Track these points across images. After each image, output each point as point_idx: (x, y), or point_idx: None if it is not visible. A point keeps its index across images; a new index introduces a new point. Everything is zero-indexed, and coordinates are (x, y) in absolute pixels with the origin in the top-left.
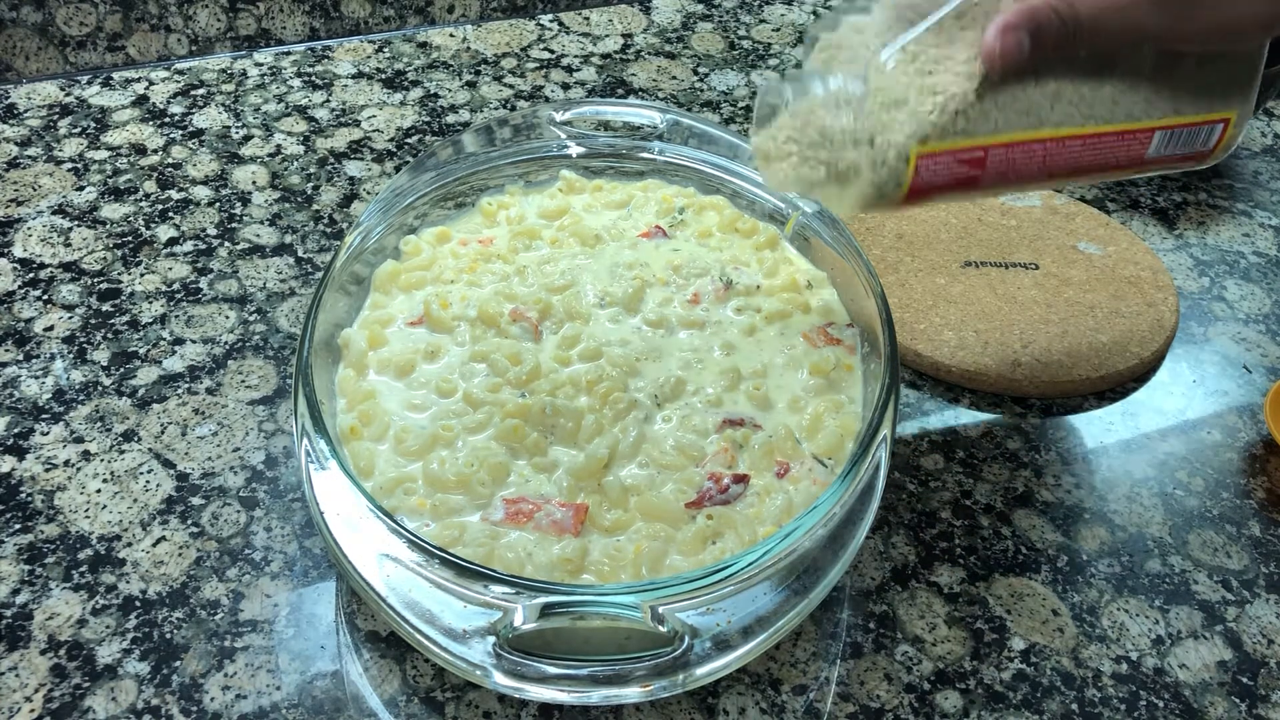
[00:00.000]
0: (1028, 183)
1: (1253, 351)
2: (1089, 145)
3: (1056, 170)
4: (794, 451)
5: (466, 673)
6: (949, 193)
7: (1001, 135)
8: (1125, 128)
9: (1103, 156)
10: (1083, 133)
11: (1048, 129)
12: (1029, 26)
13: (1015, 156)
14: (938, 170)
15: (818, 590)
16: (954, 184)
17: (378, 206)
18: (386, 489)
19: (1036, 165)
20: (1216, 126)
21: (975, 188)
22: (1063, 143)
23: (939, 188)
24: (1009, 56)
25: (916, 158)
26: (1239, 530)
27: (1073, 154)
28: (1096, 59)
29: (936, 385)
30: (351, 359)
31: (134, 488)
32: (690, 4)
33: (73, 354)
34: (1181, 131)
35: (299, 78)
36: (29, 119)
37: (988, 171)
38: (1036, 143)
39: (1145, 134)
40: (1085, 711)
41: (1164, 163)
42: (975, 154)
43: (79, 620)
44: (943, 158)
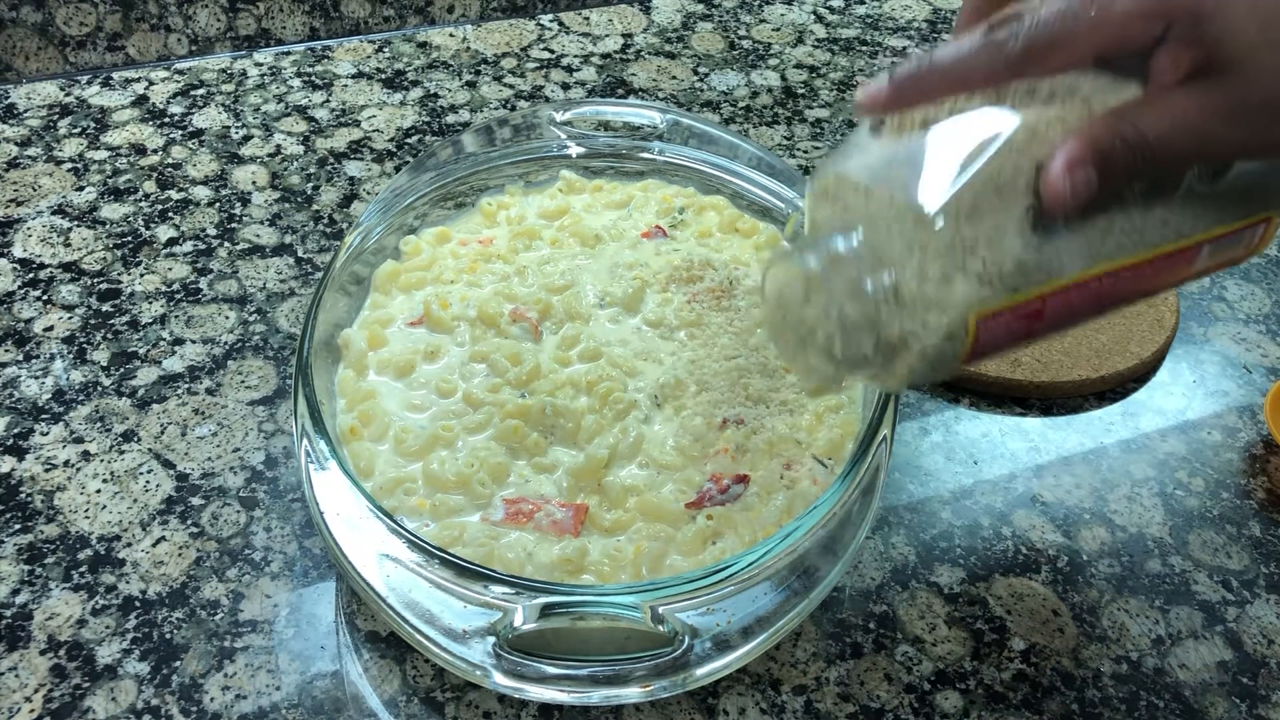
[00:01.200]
0: (1086, 318)
1: (1253, 351)
2: (1141, 273)
3: (1109, 304)
4: (794, 452)
5: (466, 673)
6: (1008, 347)
7: (1058, 280)
8: (1175, 248)
9: (1153, 281)
10: (1135, 261)
11: (1102, 264)
12: (1095, 160)
13: (1072, 299)
14: (997, 331)
15: (818, 590)
16: (1011, 340)
17: (378, 206)
18: (386, 489)
19: (1091, 303)
20: (1259, 228)
21: (1034, 337)
22: (1117, 275)
23: (996, 347)
24: (1079, 196)
25: (976, 320)
26: (1239, 530)
27: (1128, 283)
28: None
29: (936, 385)
30: (351, 359)
31: (134, 488)
32: (690, 4)
33: (72, 354)
34: (1226, 239)
35: (299, 78)
36: (29, 119)
37: (1046, 321)
38: (1093, 280)
39: (1194, 250)
40: (1085, 712)
41: (1206, 271)
42: (1034, 306)
43: (79, 620)
44: (1003, 317)
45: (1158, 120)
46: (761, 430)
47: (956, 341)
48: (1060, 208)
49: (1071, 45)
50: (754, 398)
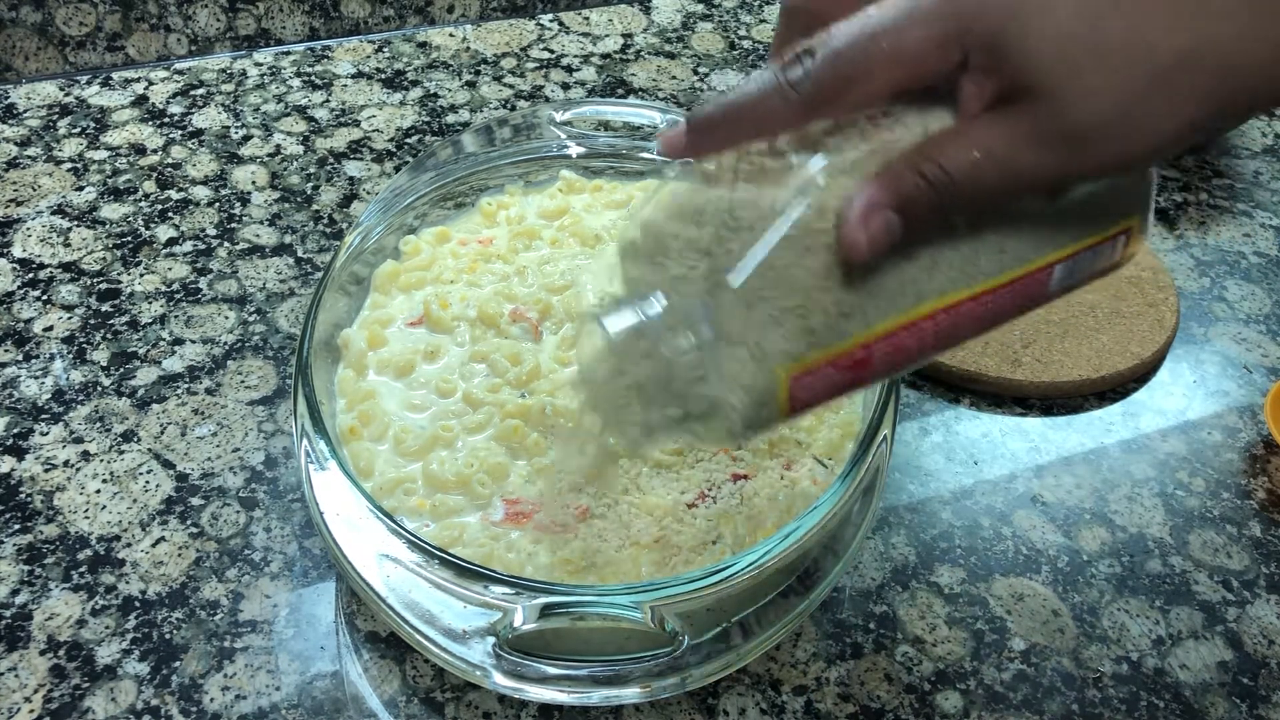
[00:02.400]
0: (929, 356)
1: (1253, 352)
2: (984, 303)
3: (957, 335)
4: (794, 452)
5: (466, 673)
6: (838, 395)
7: (879, 326)
8: (1020, 274)
9: (1003, 307)
10: (973, 293)
11: (931, 302)
12: (894, 203)
13: (903, 341)
14: (816, 386)
15: (818, 590)
16: (841, 388)
17: (377, 206)
18: (386, 489)
19: (930, 341)
20: (1120, 239)
21: (864, 383)
22: (954, 310)
23: (823, 397)
24: (877, 244)
25: (789, 379)
26: (1239, 531)
27: (968, 317)
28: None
29: (936, 385)
30: (351, 359)
31: (133, 488)
32: (690, 4)
33: (72, 354)
34: (1083, 255)
35: (299, 78)
36: (28, 119)
37: (875, 366)
38: (924, 319)
39: (1043, 272)
40: (1086, 712)
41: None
42: (857, 355)
43: (78, 620)
44: (821, 371)
45: (961, 154)
46: None
47: (771, 402)
48: (859, 258)
49: (867, 80)
50: None
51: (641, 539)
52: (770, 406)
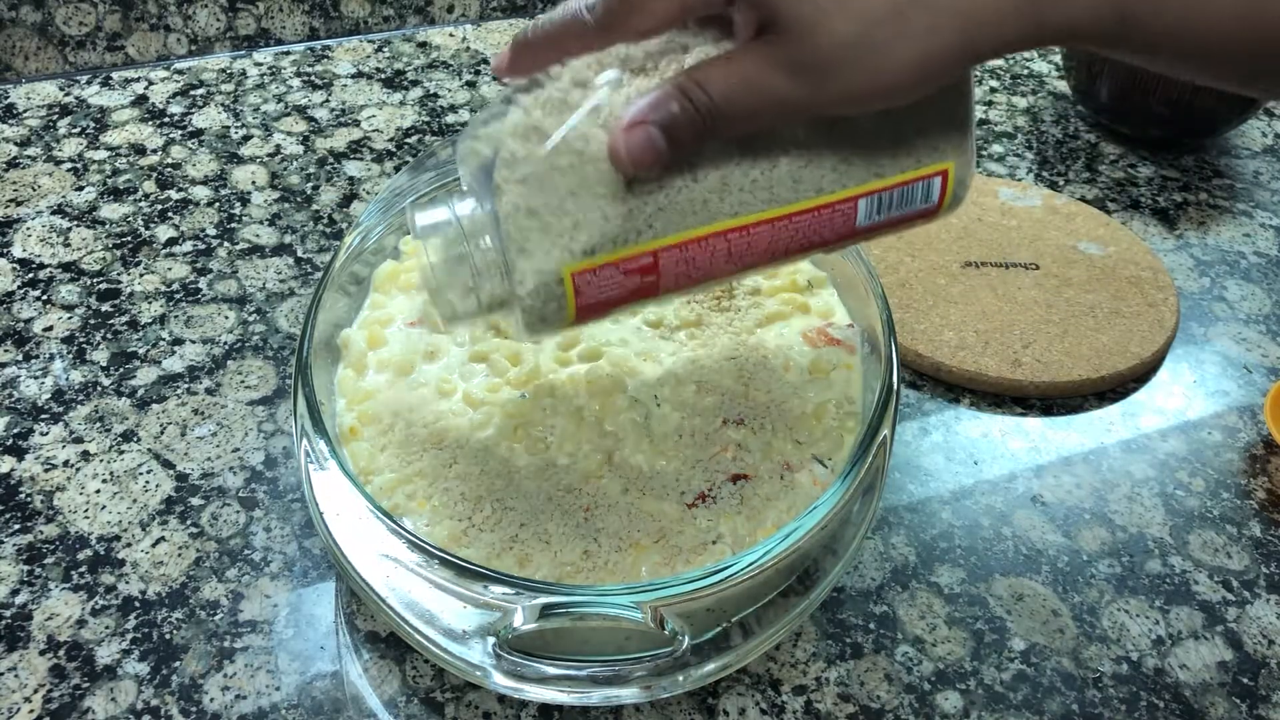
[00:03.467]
0: (726, 274)
1: (1253, 352)
2: (781, 228)
3: (755, 259)
4: (794, 451)
5: (466, 673)
6: (630, 301)
7: (669, 237)
8: (817, 204)
9: (804, 236)
10: (767, 217)
11: (723, 221)
12: (658, 119)
13: (694, 255)
14: (603, 285)
15: (818, 590)
16: (631, 294)
17: (377, 206)
18: (386, 489)
19: (723, 258)
20: (934, 181)
21: (658, 293)
22: (746, 231)
23: (615, 300)
24: (639, 156)
25: (572, 276)
26: (1239, 531)
27: (765, 240)
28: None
29: (936, 385)
30: (351, 359)
31: (133, 488)
32: None
33: (72, 354)
34: (890, 194)
35: (298, 78)
36: (28, 119)
37: (666, 274)
38: (715, 236)
39: (845, 204)
40: (1086, 712)
41: (887, 227)
42: (643, 261)
43: (78, 621)
44: (604, 270)
45: (723, 79)
46: (761, 430)
47: (559, 298)
48: (622, 167)
49: (650, 7)
50: (754, 398)
51: (641, 539)
52: (559, 303)
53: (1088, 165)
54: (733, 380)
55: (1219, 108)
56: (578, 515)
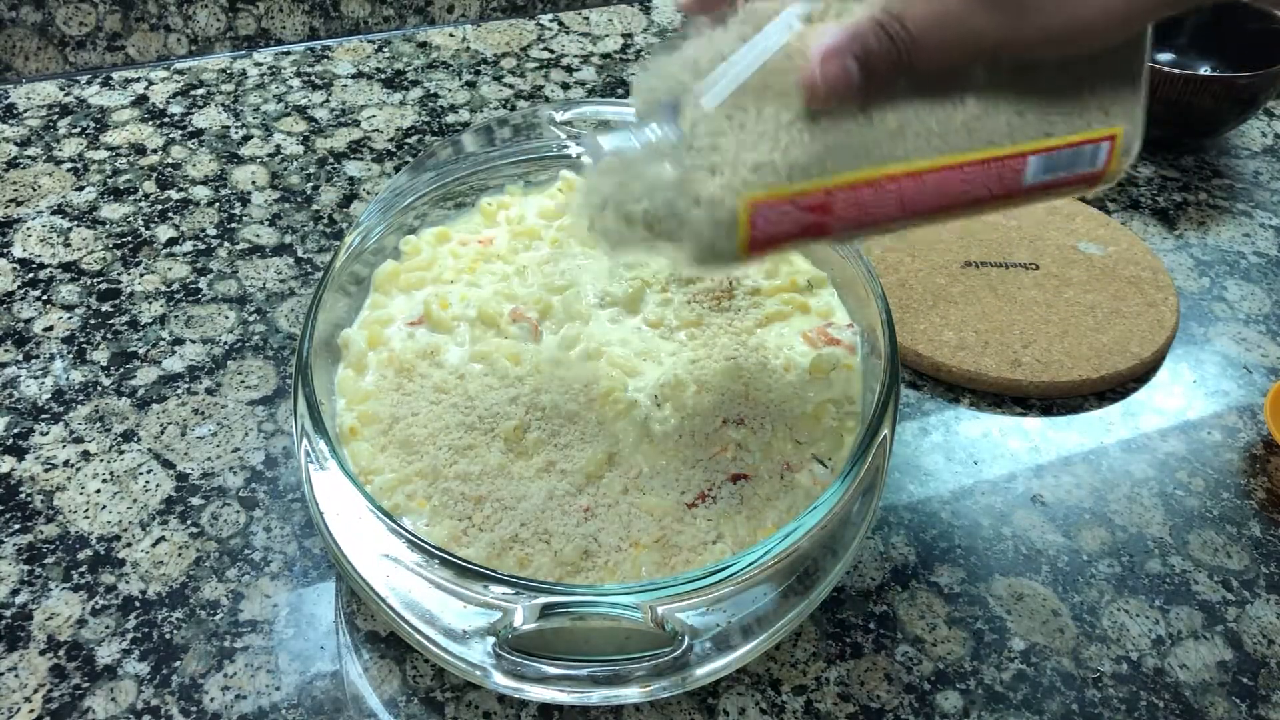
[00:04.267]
0: (894, 223)
1: (1253, 351)
2: (951, 178)
3: (923, 208)
4: (794, 451)
5: (466, 673)
6: (799, 240)
7: (844, 176)
8: (989, 155)
9: (973, 189)
10: (938, 165)
11: (897, 165)
12: (855, 50)
13: (865, 198)
14: (777, 220)
15: (818, 590)
16: (801, 231)
17: (377, 206)
18: (386, 489)
19: (894, 205)
20: (1102, 145)
21: (829, 233)
22: (919, 178)
23: (784, 237)
24: (834, 85)
25: (749, 207)
26: (1239, 530)
27: (934, 189)
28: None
29: (936, 385)
30: (351, 359)
31: (133, 488)
32: None
33: (72, 354)
34: (1061, 154)
35: (299, 78)
36: (29, 119)
37: (837, 215)
38: (888, 180)
39: (1016, 160)
40: (1085, 712)
41: (1054, 188)
42: (817, 199)
43: (79, 620)
44: (780, 206)
45: (920, 10)
46: (761, 430)
47: (732, 227)
48: (815, 97)
49: None
50: (754, 398)
51: (641, 539)
52: (730, 234)
53: None
54: (733, 380)
55: (1219, 108)
56: (577, 515)
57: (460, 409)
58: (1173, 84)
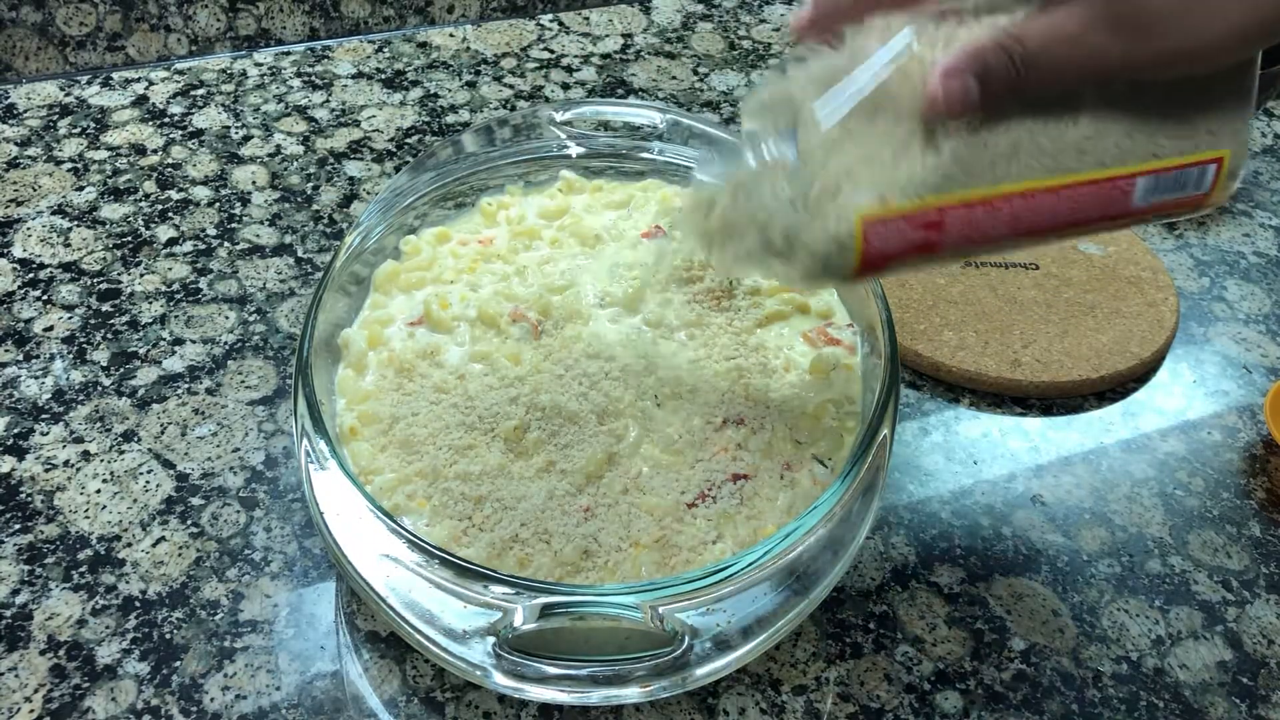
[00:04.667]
0: (1003, 243)
1: (1253, 352)
2: (1062, 199)
3: (1032, 228)
4: (794, 451)
5: (466, 673)
6: (911, 260)
7: (956, 195)
8: (1098, 176)
9: (1082, 210)
10: (1050, 185)
11: (1009, 184)
12: (975, 69)
13: (977, 217)
14: (890, 237)
15: (818, 590)
16: (913, 250)
17: (378, 207)
18: (386, 489)
19: (1005, 225)
20: (1209, 168)
21: (939, 252)
22: (1030, 198)
23: (896, 255)
24: (953, 102)
25: (863, 224)
26: (1239, 530)
27: (1045, 209)
28: (1055, 102)
29: (936, 385)
30: (351, 359)
31: (134, 488)
32: (690, 4)
33: (72, 354)
34: (1168, 176)
35: (299, 78)
36: (29, 119)
37: (949, 234)
38: (1000, 199)
39: (1125, 181)
40: (1085, 712)
41: (1159, 210)
42: (930, 217)
43: (79, 620)
44: (894, 223)
45: (1039, 30)
46: (761, 430)
47: (846, 244)
48: (935, 114)
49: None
50: (754, 398)
51: (641, 539)
52: (844, 250)
53: None
54: (733, 380)
55: None
56: (577, 515)
57: (460, 409)
58: None
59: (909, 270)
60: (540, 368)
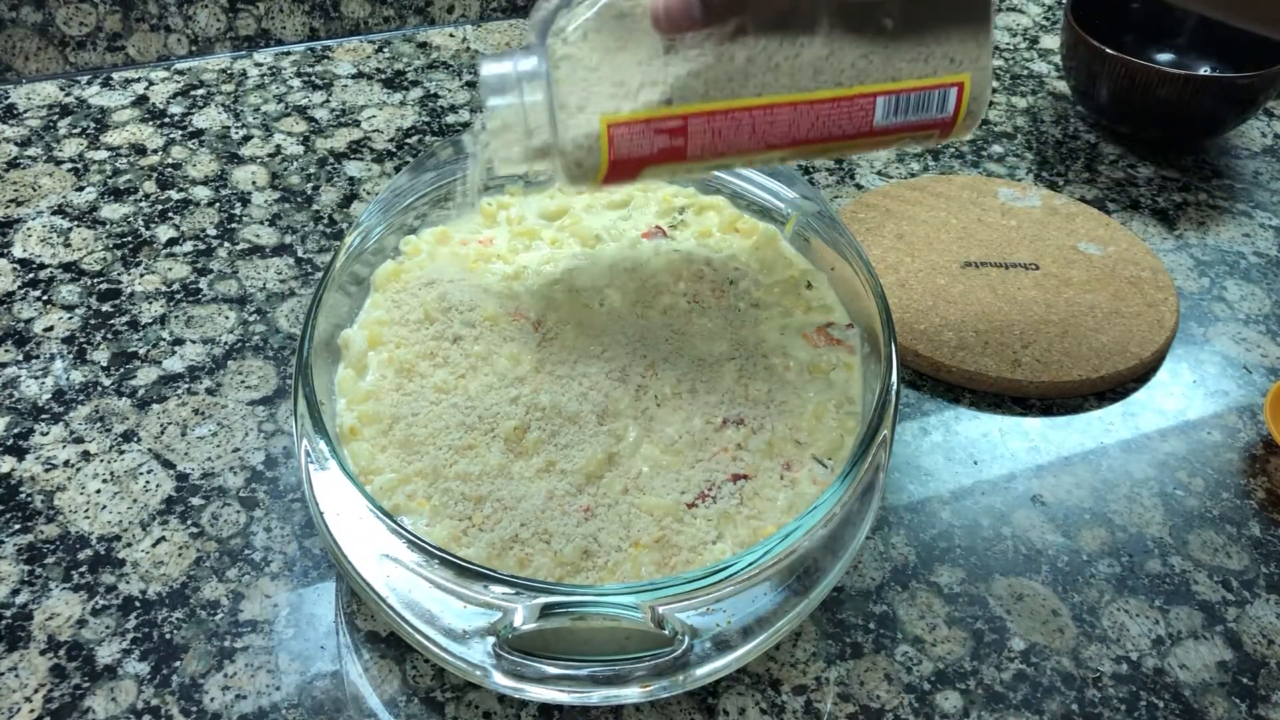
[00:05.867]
0: (751, 153)
1: (1253, 352)
2: (802, 114)
3: (776, 140)
4: (794, 451)
5: (466, 673)
6: (660, 164)
7: (697, 105)
8: (836, 94)
9: (824, 125)
10: (789, 100)
11: (747, 98)
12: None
13: (719, 126)
14: (635, 141)
15: (818, 590)
16: (660, 155)
17: (378, 207)
18: (387, 489)
19: (747, 135)
20: (949, 91)
21: (685, 158)
22: (770, 111)
23: (644, 159)
24: (674, 17)
25: (608, 127)
26: (1239, 530)
27: (787, 123)
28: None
29: (936, 385)
30: (352, 359)
31: (134, 488)
32: None
33: (72, 354)
34: (907, 98)
35: (299, 78)
36: (29, 119)
37: (693, 140)
38: (741, 111)
39: (864, 100)
40: (1085, 712)
41: (903, 131)
42: (672, 124)
43: (79, 620)
44: (636, 127)
45: None
46: (761, 430)
47: (594, 147)
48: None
49: None
50: (754, 398)
51: (641, 539)
52: (594, 152)
53: (1087, 165)
54: (733, 380)
55: (1219, 108)
56: (577, 515)
57: (460, 409)
58: (1173, 84)
59: (666, 175)
60: (540, 368)
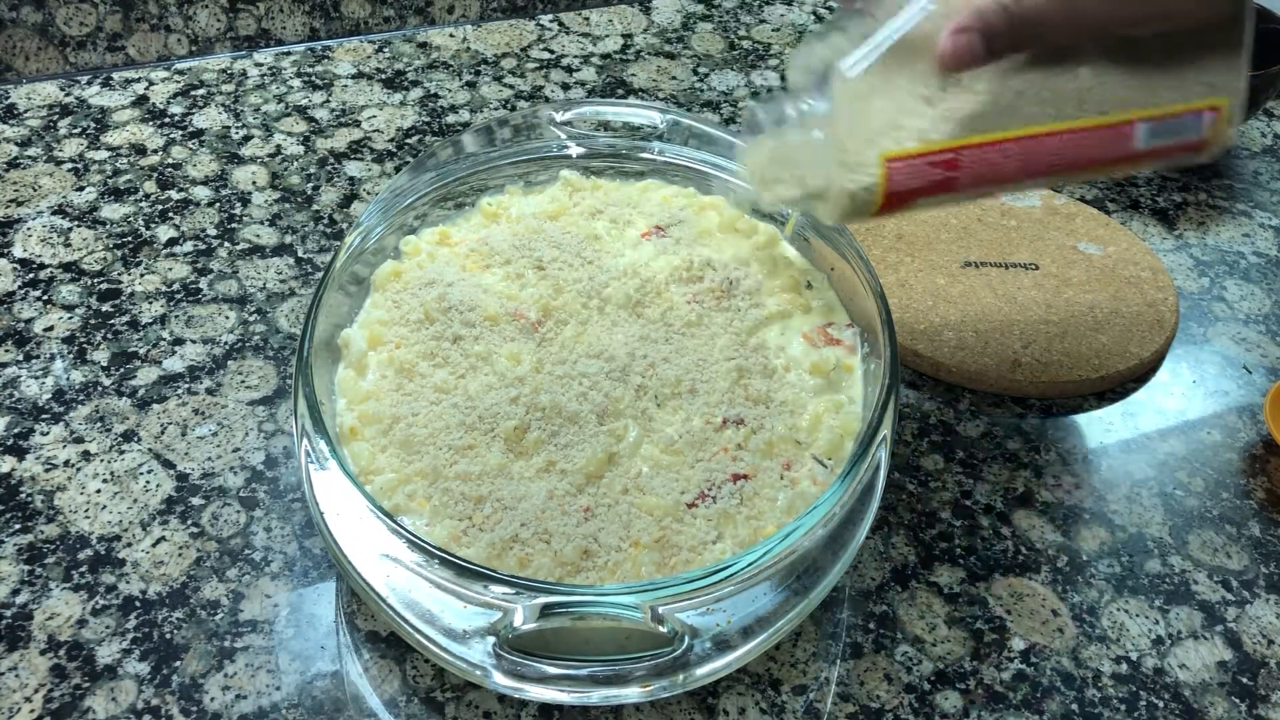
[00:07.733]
0: (1014, 182)
1: (1253, 351)
2: (1067, 142)
3: (1040, 168)
4: (794, 451)
5: (466, 673)
6: (930, 196)
7: (970, 137)
8: (1100, 122)
9: (1086, 152)
10: (1056, 129)
11: (1017, 129)
12: (979, 26)
13: (990, 156)
14: (910, 174)
15: (818, 590)
16: (932, 187)
17: (378, 207)
18: (387, 489)
19: (1016, 164)
20: (1203, 115)
21: (956, 190)
22: (1037, 140)
23: (917, 191)
24: (961, 57)
25: (885, 163)
26: (1239, 530)
27: (1052, 151)
28: (1055, 55)
29: (936, 385)
30: (352, 359)
31: (134, 488)
32: (690, 4)
33: (73, 354)
34: (1166, 122)
35: (299, 78)
36: (29, 119)
37: (964, 172)
38: (1010, 142)
39: (1125, 126)
40: (1085, 712)
41: (1159, 155)
42: (946, 156)
43: (79, 620)
44: (913, 161)
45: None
46: (761, 430)
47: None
48: (945, 65)
49: None
50: (754, 398)
51: (641, 539)
52: (871, 189)
53: None
54: (733, 380)
55: None
56: (577, 515)
57: (460, 409)
58: None
59: (932, 206)
60: (540, 368)
